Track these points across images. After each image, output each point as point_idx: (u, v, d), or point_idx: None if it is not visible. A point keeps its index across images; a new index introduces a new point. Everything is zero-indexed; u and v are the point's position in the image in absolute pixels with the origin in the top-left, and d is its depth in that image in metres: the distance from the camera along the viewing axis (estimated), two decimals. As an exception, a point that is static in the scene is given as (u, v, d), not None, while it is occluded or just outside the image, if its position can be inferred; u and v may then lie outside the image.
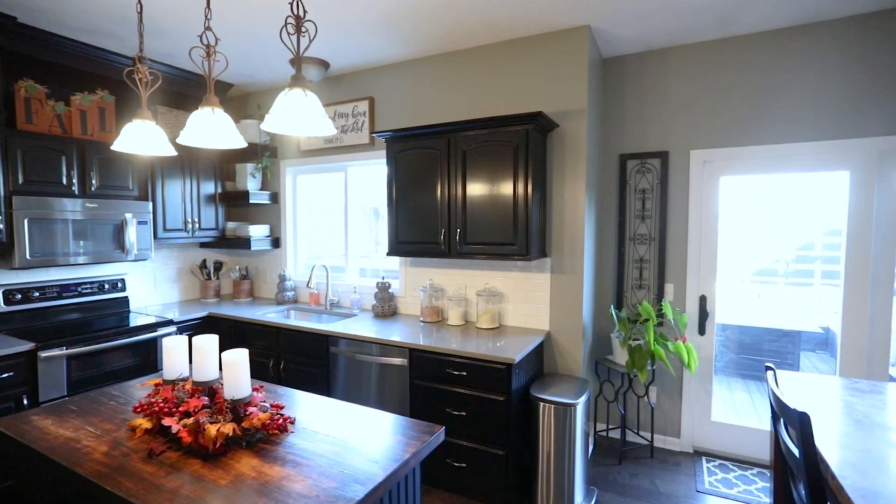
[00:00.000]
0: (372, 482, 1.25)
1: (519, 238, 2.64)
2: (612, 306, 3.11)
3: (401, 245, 3.03)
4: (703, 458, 3.06)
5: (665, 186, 3.12)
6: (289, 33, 1.30)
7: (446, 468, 2.58)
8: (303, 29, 1.30)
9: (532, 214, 2.63)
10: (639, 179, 3.21)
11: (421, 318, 3.19)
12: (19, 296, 2.95)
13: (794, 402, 1.56)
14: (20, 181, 2.74)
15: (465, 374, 2.50)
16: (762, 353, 3.78)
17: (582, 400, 2.49)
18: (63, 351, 2.68)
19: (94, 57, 3.08)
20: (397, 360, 2.71)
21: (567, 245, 2.87)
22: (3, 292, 2.88)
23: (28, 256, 2.74)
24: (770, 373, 1.79)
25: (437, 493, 2.64)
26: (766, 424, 3.05)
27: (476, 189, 2.75)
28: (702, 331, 3.10)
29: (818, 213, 3.00)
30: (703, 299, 3.08)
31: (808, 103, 2.73)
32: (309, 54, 3.15)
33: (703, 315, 3.08)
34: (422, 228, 2.94)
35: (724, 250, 3.06)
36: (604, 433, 3.38)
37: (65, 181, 2.93)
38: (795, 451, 1.39)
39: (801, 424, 1.33)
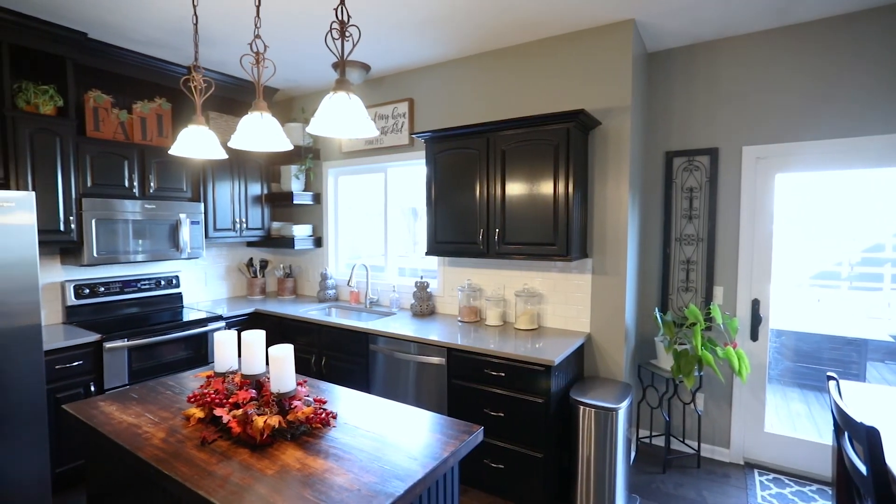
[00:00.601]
0: (411, 479, 1.26)
1: (559, 238, 2.60)
2: (656, 309, 3.01)
3: (439, 245, 3.05)
4: (756, 471, 2.90)
5: (714, 184, 2.98)
6: (333, 38, 1.33)
7: (483, 468, 2.57)
8: (347, 34, 1.33)
9: (573, 214, 2.58)
10: (686, 177, 3.08)
11: (459, 318, 3.20)
12: (87, 290, 3.18)
13: (860, 415, 1.46)
14: (89, 184, 2.95)
15: (503, 374, 2.49)
16: (822, 361, 3.54)
17: (624, 405, 2.42)
18: (125, 342, 2.86)
19: (153, 67, 3.27)
20: (435, 359, 2.73)
21: (609, 246, 2.80)
22: (74, 287, 3.12)
23: (95, 254, 2.95)
24: (833, 383, 1.67)
25: (474, 493, 2.64)
26: (827, 438, 2.85)
27: (515, 189, 2.73)
28: (754, 336, 2.94)
29: (888, 212, 2.78)
30: (755, 303, 2.92)
31: (878, 93, 2.53)
32: (351, 58, 3.23)
33: (756, 320, 2.92)
34: (460, 228, 2.95)
35: (779, 252, 2.89)
36: (647, 440, 3.27)
37: (126, 184, 3.14)
38: (862, 469, 1.29)
39: (869, 440, 1.24)
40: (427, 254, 3.11)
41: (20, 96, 2.68)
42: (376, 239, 3.95)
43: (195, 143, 1.83)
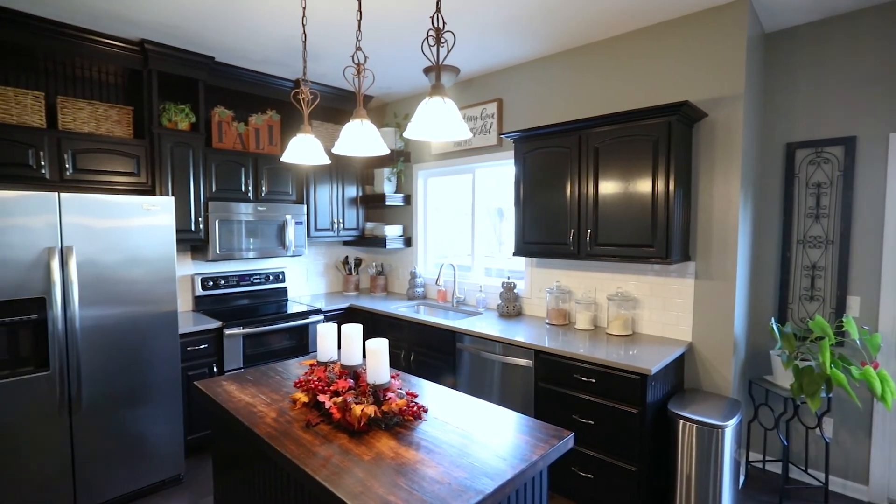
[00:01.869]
0: (501, 478, 1.26)
1: (658, 239, 2.43)
2: (772, 319, 2.69)
3: (527, 245, 3.01)
4: (901, 514, 2.48)
5: (850, 179, 2.60)
6: (429, 45, 1.38)
7: (571, 476, 2.49)
8: (442, 40, 1.37)
9: (674, 214, 2.40)
10: (812, 171, 2.72)
11: (547, 320, 3.13)
12: (211, 283, 3.61)
13: None
14: (213, 189, 3.35)
15: (593, 381, 2.39)
16: None
17: (732, 423, 2.20)
18: (241, 330, 3.21)
19: (264, 82, 3.62)
20: (522, 361, 2.70)
21: (716, 247, 2.56)
22: (201, 279, 3.56)
23: (217, 251, 3.35)
24: None
25: (561, 501, 2.57)
26: None
27: (609, 187, 2.61)
28: (901, 356, 2.51)
29: None
30: (903, 317, 2.49)
31: None
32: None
33: (904, 337, 2.49)
34: (549, 228, 2.88)
35: (936, 257, 2.44)
36: (759, 464, 2.94)
37: (243, 188, 3.51)
38: None
39: None
40: (514, 254, 3.09)
41: (164, 115, 3.12)
42: (463, 239, 4.00)
43: (303, 150, 2.00)
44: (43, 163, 2.64)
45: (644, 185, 2.47)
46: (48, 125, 2.77)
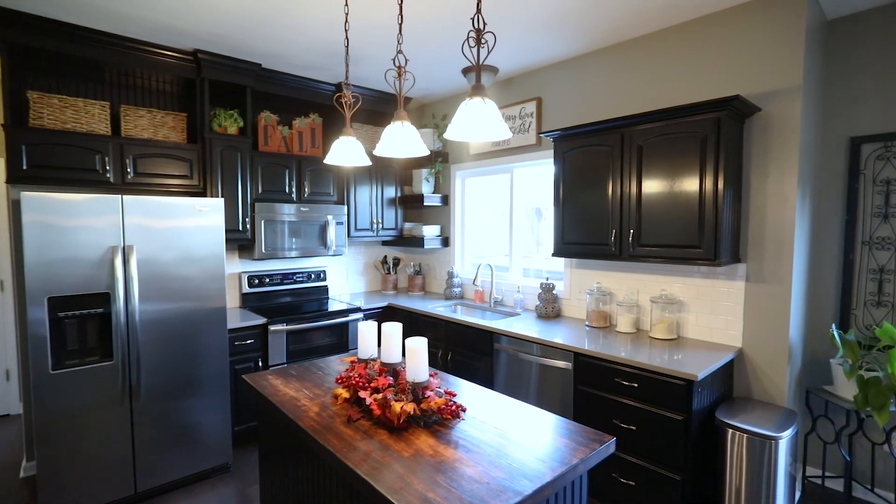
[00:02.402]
0: (540, 480, 1.25)
1: (705, 240, 2.33)
2: (833, 326, 2.52)
3: (567, 246, 2.96)
4: (981, 541, 2.26)
5: (922, 175, 2.40)
6: (469, 46, 1.38)
7: (612, 482, 2.43)
8: (482, 41, 1.37)
9: (723, 214, 2.30)
10: (880, 167, 2.53)
11: (587, 322, 3.06)
12: (256, 280, 3.76)
13: None
14: (259, 191, 3.49)
15: (635, 385, 2.32)
16: None
17: (787, 434, 2.08)
18: (284, 326, 3.32)
19: (307, 87, 3.73)
20: (561, 363, 2.66)
21: (769, 249, 2.43)
22: (248, 277, 3.72)
23: (263, 250, 3.48)
24: None
25: (601, 508, 2.51)
26: None
27: (653, 186, 2.53)
28: (982, 368, 2.29)
29: None
30: (985, 326, 2.28)
31: None
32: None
33: None
34: (590, 229, 2.83)
35: None
36: (817, 479, 2.77)
37: (286, 189, 3.64)
38: None
39: None
40: (553, 255, 3.04)
41: (214, 121, 3.28)
42: (500, 239, 3.98)
43: (345, 152, 2.05)
44: (108, 167, 2.84)
45: (691, 184, 2.38)
46: (112, 132, 2.97)
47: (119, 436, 2.54)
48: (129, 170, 2.91)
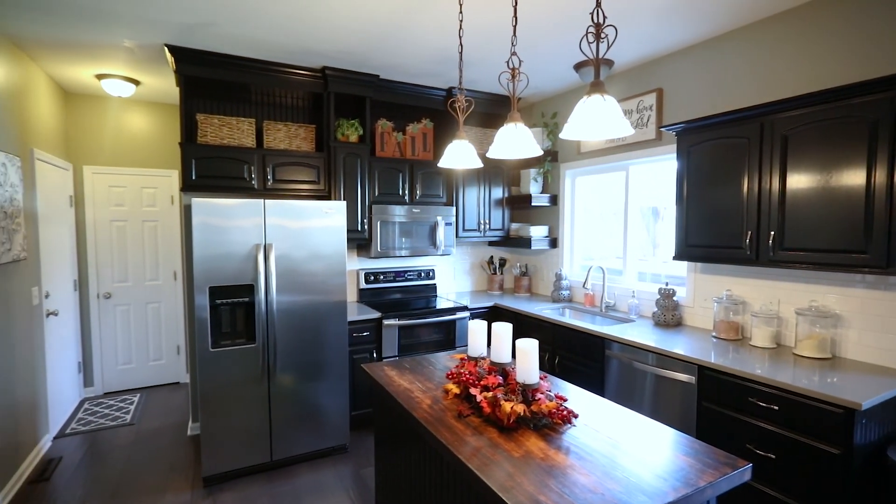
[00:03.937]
0: (661, 498, 1.17)
1: (874, 245, 1.97)
2: None
3: (691, 248, 2.71)
4: None
5: None
6: (588, 42, 1.33)
7: (743, 515, 2.17)
8: (602, 35, 1.32)
9: (898, 212, 1.92)
10: None
11: (713, 333, 2.77)
12: (372, 277, 4.04)
13: None
14: (376, 193, 3.75)
15: (775, 408, 2.04)
16: None
17: None
18: (397, 321, 3.52)
19: (419, 93, 3.91)
20: (682, 376, 2.44)
21: (966, 255, 1.97)
22: (364, 274, 4.01)
23: (378, 249, 3.73)
24: None
25: (729, 541, 2.25)
26: None
27: (801, 181, 2.20)
28: None
29: None
30: None
31: None
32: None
33: None
34: (719, 230, 2.55)
35: None
36: None
37: (400, 192, 3.85)
38: None
39: None
40: (675, 258, 2.80)
41: (338, 130, 3.60)
42: (611, 240, 3.77)
43: (458, 155, 2.11)
44: (253, 175, 3.27)
45: (854, 178, 2.02)
46: (256, 145, 3.42)
47: (259, 409, 2.92)
48: (269, 177, 3.32)
